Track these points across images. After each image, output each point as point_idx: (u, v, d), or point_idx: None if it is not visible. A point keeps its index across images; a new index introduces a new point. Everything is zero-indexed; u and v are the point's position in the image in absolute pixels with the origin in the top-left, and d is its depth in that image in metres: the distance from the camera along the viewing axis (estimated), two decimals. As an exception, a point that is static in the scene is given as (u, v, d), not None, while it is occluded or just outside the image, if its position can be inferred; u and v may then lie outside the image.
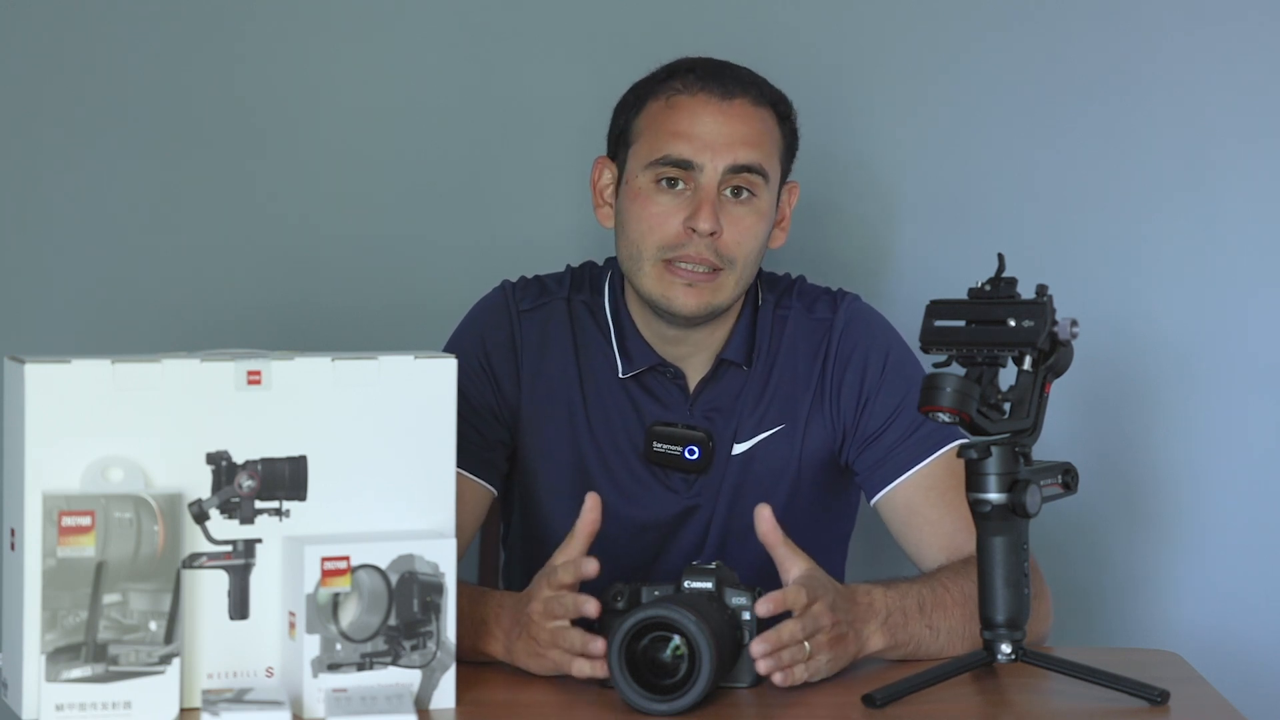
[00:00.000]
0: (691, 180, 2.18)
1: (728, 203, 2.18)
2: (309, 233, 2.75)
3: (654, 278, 2.19)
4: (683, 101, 2.20)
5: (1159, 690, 1.87)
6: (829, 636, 1.90)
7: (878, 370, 2.25)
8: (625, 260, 2.23)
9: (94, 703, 1.74)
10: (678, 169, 2.18)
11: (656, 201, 2.19)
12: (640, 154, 2.21)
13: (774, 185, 2.22)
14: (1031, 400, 1.88)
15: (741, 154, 2.18)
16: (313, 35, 2.75)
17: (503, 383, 2.26)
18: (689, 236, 2.17)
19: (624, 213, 2.22)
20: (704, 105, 2.19)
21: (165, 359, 1.78)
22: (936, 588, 2.03)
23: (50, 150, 2.73)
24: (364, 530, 1.83)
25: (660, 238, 2.18)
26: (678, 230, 2.17)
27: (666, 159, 2.18)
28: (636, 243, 2.20)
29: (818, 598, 1.89)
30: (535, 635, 1.91)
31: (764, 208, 2.21)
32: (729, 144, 2.18)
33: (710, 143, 2.17)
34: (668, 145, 2.18)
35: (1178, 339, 2.74)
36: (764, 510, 1.94)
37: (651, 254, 2.19)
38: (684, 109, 2.19)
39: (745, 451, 2.26)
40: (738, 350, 2.26)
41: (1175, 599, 2.75)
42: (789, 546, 1.94)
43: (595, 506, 1.94)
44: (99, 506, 1.73)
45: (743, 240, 2.18)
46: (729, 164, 2.17)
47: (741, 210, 2.19)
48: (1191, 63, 2.73)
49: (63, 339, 2.69)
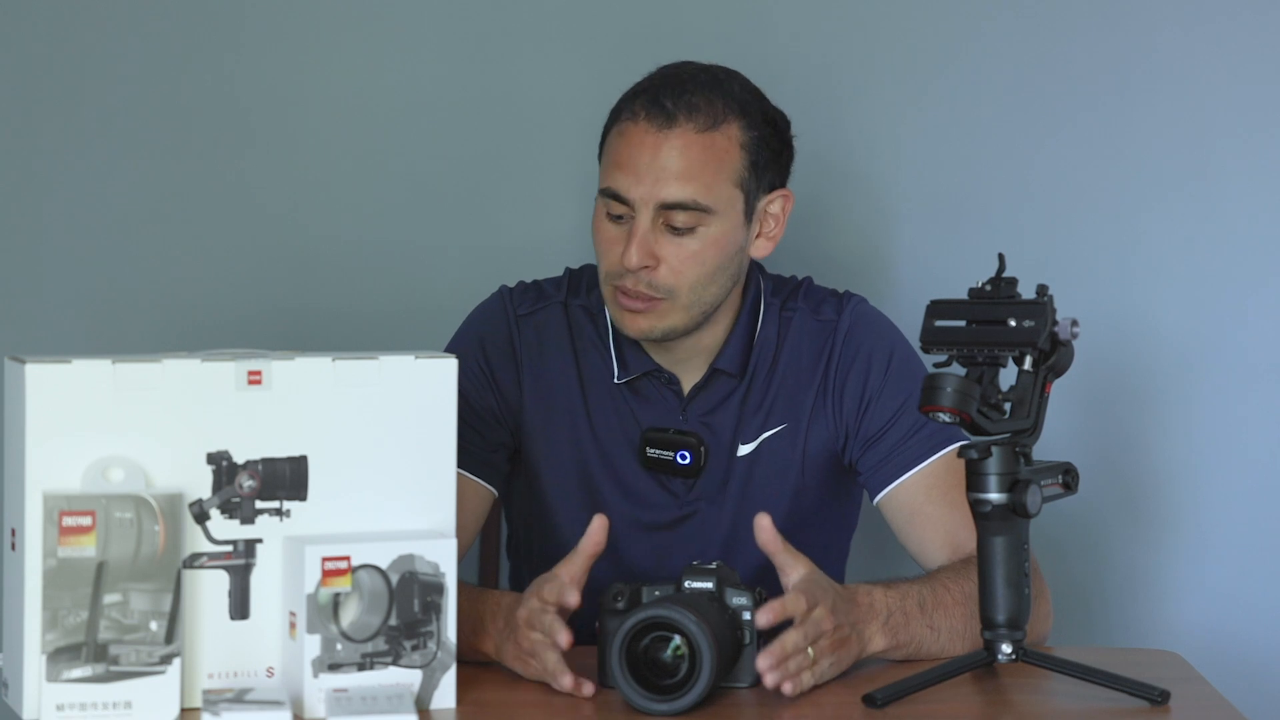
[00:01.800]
0: (630, 213, 2.16)
1: (665, 235, 2.15)
2: (310, 233, 2.75)
3: (609, 300, 2.21)
4: (628, 129, 2.16)
5: (1159, 690, 1.87)
6: (831, 640, 1.90)
7: (881, 371, 2.25)
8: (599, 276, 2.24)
9: (94, 703, 1.74)
10: (618, 203, 2.16)
11: (606, 229, 2.19)
12: (601, 176, 2.20)
13: (729, 211, 2.17)
14: (1032, 400, 1.88)
15: (672, 190, 2.13)
16: (314, 36, 2.75)
17: (503, 385, 2.26)
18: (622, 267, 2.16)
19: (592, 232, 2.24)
20: (643, 135, 2.14)
21: (166, 359, 1.78)
22: (937, 588, 2.03)
23: (51, 150, 2.73)
24: (364, 530, 1.83)
25: (607, 265, 2.19)
26: (618, 259, 2.17)
27: (607, 190, 2.17)
28: (598, 263, 2.22)
29: (818, 602, 1.89)
30: (519, 640, 1.92)
31: (714, 235, 2.16)
32: (657, 180, 2.13)
33: (641, 177, 2.14)
34: (609, 176, 2.17)
35: (1177, 339, 2.74)
36: (763, 519, 1.94)
37: (604, 277, 2.20)
38: (626, 138, 2.16)
39: (750, 452, 2.26)
40: (731, 361, 2.26)
41: (1175, 599, 2.75)
42: (789, 552, 1.94)
43: (601, 529, 1.94)
44: (99, 506, 1.73)
45: (684, 269, 2.15)
46: (658, 201, 2.14)
47: (682, 240, 2.15)
48: (1190, 62, 2.73)
49: (63, 339, 2.69)
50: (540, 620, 1.90)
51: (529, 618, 1.90)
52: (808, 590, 1.90)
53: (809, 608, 1.88)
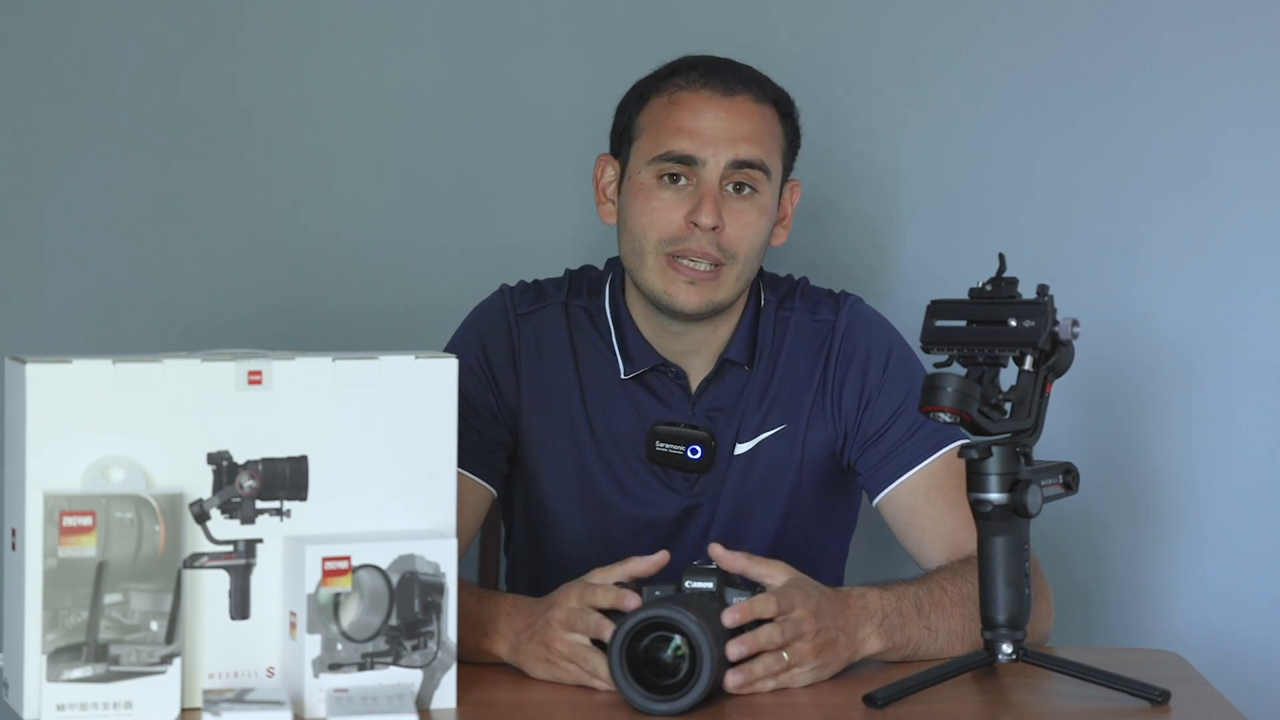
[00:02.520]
0: (694, 176, 2.18)
1: (730, 198, 2.19)
2: (310, 233, 2.75)
3: (656, 272, 2.20)
4: (685, 98, 2.20)
5: (1160, 690, 1.87)
6: (814, 643, 1.89)
7: (879, 371, 2.25)
8: (627, 256, 2.23)
9: (95, 703, 1.73)
10: (680, 164, 2.18)
11: (659, 196, 2.19)
12: (643, 150, 2.21)
13: (776, 182, 2.23)
14: (1032, 400, 1.88)
15: (743, 149, 2.18)
16: (314, 36, 2.75)
17: (502, 384, 2.26)
18: (691, 231, 2.17)
19: (626, 208, 2.23)
20: (706, 101, 2.20)
21: (166, 359, 1.78)
22: (934, 589, 2.03)
23: (51, 150, 2.73)
24: (365, 530, 1.83)
25: (662, 232, 2.18)
26: (680, 224, 2.18)
27: (669, 154, 2.18)
28: (639, 237, 2.20)
29: (796, 604, 1.89)
30: (549, 642, 1.90)
31: (766, 204, 2.21)
32: (731, 139, 2.18)
33: (712, 138, 2.18)
34: (670, 141, 2.19)
35: (1177, 339, 2.74)
36: (714, 549, 1.93)
37: (654, 248, 2.19)
38: (686, 105, 2.20)
39: (747, 451, 2.26)
40: (740, 350, 2.26)
41: (1176, 599, 2.75)
42: (761, 563, 1.93)
43: (659, 563, 1.93)
44: (100, 506, 1.73)
45: (744, 235, 2.19)
46: (731, 159, 2.18)
47: (743, 205, 2.19)
48: (1190, 62, 2.73)
49: (64, 339, 2.69)
50: (581, 620, 1.88)
51: (567, 619, 1.89)
52: (784, 593, 1.89)
53: (782, 609, 1.88)
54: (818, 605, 1.91)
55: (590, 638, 1.88)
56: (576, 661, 1.89)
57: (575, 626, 1.89)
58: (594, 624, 1.88)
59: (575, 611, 1.89)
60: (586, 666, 1.88)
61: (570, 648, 1.89)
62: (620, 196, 2.25)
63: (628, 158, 2.25)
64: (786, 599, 1.89)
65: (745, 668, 1.86)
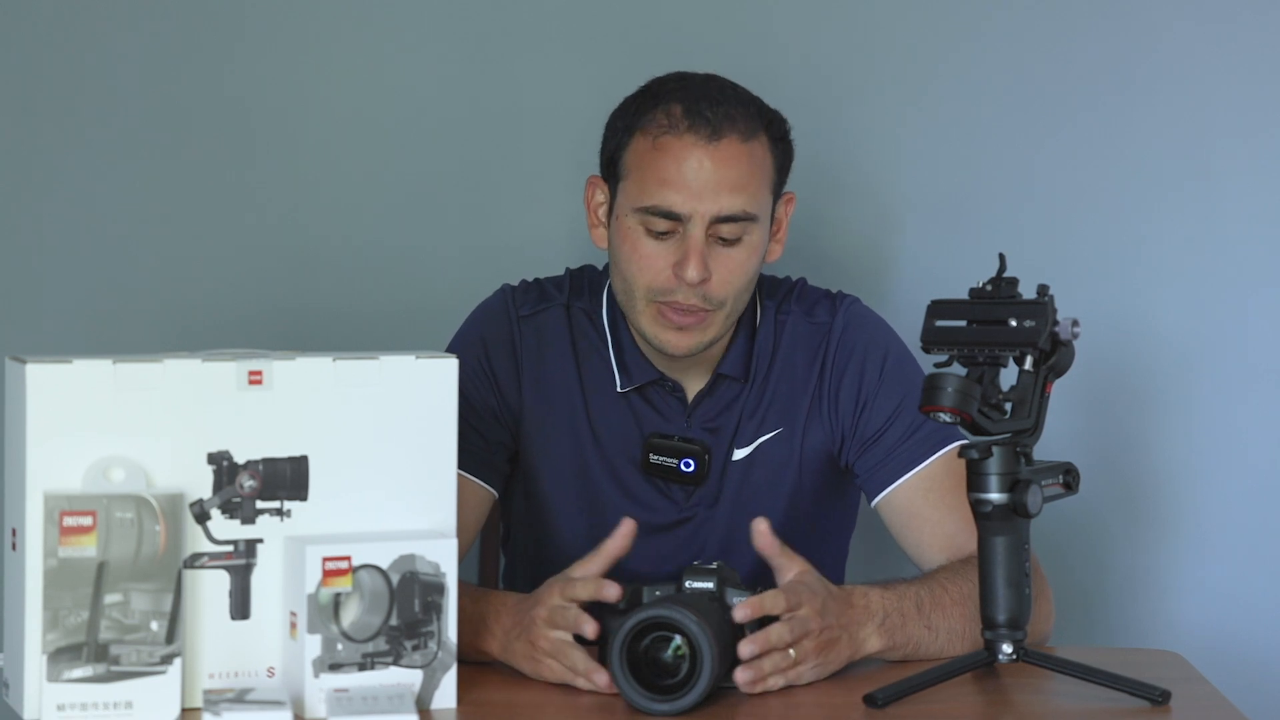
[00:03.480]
0: (679, 228, 2.14)
1: (716, 246, 2.15)
2: (310, 233, 2.75)
3: (646, 318, 2.18)
4: (669, 144, 2.14)
5: (1160, 690, 1.87)
6: (817, 642, 1.90)
7: (876, 372, 2.25)
8: (619, 293, 2.22)
9: (95, 703, 1.73)
10: (665, 220, 2.14)
11: (645, 244, 2.16)
12: (629, 193, 2.17)
13: (765, 218, 2.19)
14: (1033, 400, 1.88)
15: (727, 203, 2.13)
16: (314, 37, 2.75)
17: (504, 385, 2.26)
18: (677, 283, 2.15)
19: (616, 247, 2.20)
20: (691, 149, 2.13)
21: (167, 359, 1.78)
22: (935, 588, 2.03)
23: (51, 150, 2.73)
24: (365, 530, 1.83)
25: (650, 281, 2.16)
26: (667, 276, 2.15)
27: (655, 209, 2.14)
28: (629, 282, 2.18)
29: (802, 602, 1.89)
30: (534, 640, 1.91)
31: (755, 243, 2.17)
32: (715, 193, 2.12)
33: (697, 192, 2.12)
34: (655, 194, 2.14)
35: (1177, 339, 2.74)
36: (761, 524, 1.94)
37: (643, 295, 2.17)
38: (670, 154, 2.13)
39: (746, 456, 2.26)
40: (735, 365, 2.26)
41: (1176, 599, 2.75)
42: (785, 554, 1.94)
43: (629, 533, 1.94)
44: (100, 506, 1.73)
45: (732, 280, 2.16)
46: (715, 214, 2.13)
47: (730, 252, 2.15)
48: (1191, 62, 2.73)
49: (64, 339, 2.69)
50: (562, 616, 1.89)
51: (549, 616, 1.90)
52: (791, 590, 1.90)
53: (790, 607, 1.88)
54: (823, 603, 1.91)
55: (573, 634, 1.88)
56: (558, 658, 1.89)
57: (557, 623, 1.89)
58: (573, 619, 1.88)
59: (557, 608, 1.90)
60: (567, 663, 1.89)
61: (553, 644, 1.89)
62: (610, 227, 2.23)
63: (615, 192, 2.21)
64: (794, 596, 1.89)
65: (754, 665, 1.86)
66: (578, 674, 1.88)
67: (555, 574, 1.95)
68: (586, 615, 1.88)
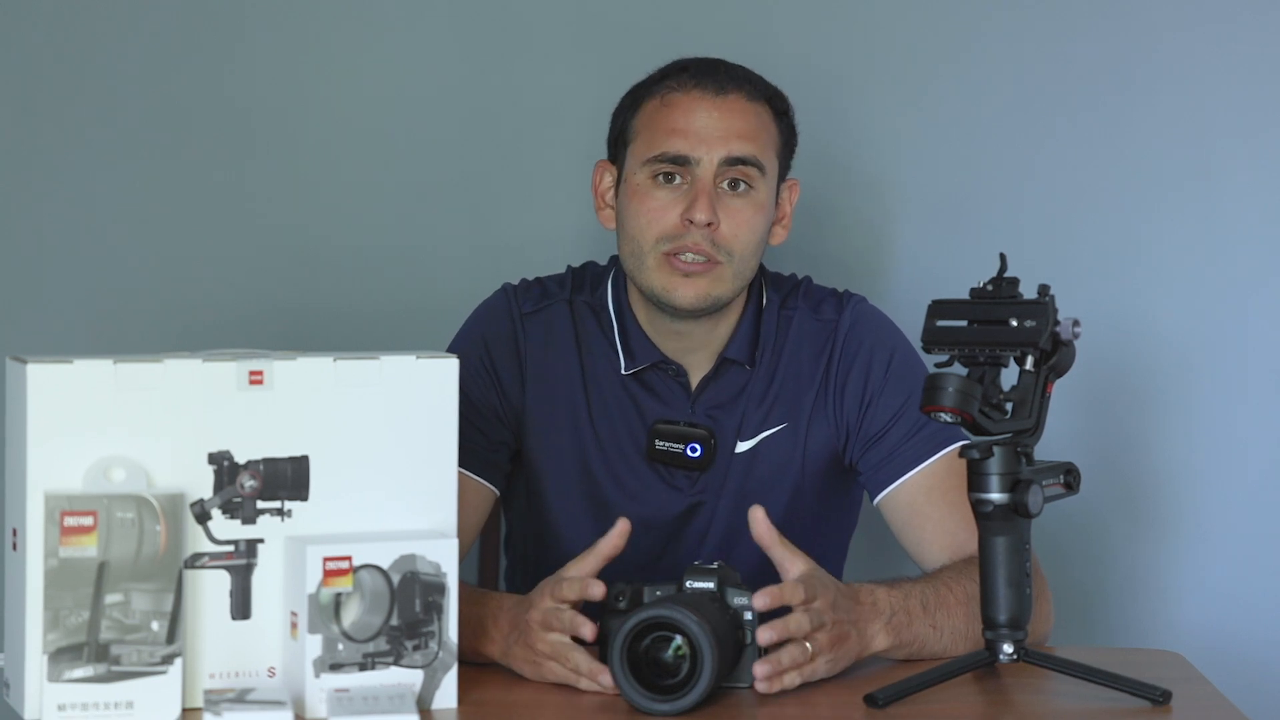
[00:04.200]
0: (688, 174, 2.19)
1: (724, 195, 2.19)
2: (311, 233, 2.75)
3: (654, 270, 2.20)
4: (677, 99, 2.22)
5: (1161, 690, 1.87)
6: (830, 635, 1.90)
7: (881, 370, 2.25)
8: (627, 257, 2.24)
9: (96, 703, 1.73)
10: (674, 164, 2.19)
11: (654, 196, 2.20)
12: (638, 152, 2.22)
13: (771, 179, 2.23)
14: (1033, 400, 1.88)
15: (736, 146, 2.19)
16: (314, 36, 2.75)
17: (506, 384, 2.26)
18: (686, 228, 2.18)
19: (624, 210, 2.24)
20: (698, 101, 2.21)
21: (167, 359, 1.78)
22: (940, 587, 2.03)
23: (52, 150, 2.73)
24: (366, 530, 1.83)
25: (659, 230, 2.19)
26: (676, 222, 2.19)
27: (663, 155, 2.19)
28: (636, 237, 2.21)
29: (817, 595, 1.89)
30: (532, 644, 1.91)
31: (761, 200, 2.21)
32: (723, 137, 2.19)
33: (705, 137, 2.19)
34: (664, 142, 2.20)
35: (1177, 339, 2.74)
36: (757, 512, 1.94)
37: (651, 246, 2.20)
38: (678, 106, 2.21)
39: (748, 450, 2.27)
40: (740, 349, 2.26)
41: (1176, 599, 2.75)
42: (785, 546, 1.94)
43: (623, 533, 1.94)
44: (101, 506, 1.73)
45: (739, 233, 2.19)
46: (724, 156, 2.19)
47: (739, 202, 2.20)
48: (1190, 62, 2.73)
49: (65, 339, 2.69)
50: (556, 619, 1.89)
51: (544, 619, 1.90)
52: (806, 582, 1.90)
53: (807, 598, 1.88)
54: (834, 598, 1.92)
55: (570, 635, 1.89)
56: (558, 660, 1.90)
57: (553, 626, 1.90)
58: (569, 621, 1.89)
59: (550, 611, 1.90)
60: (569, 665, 1.89)
61: (551, 647, 1.90)
62: (618, 200, 2.26)
63: (624, 161, 2.25)
64: (810, 588, 1.89)
65: (773, 657, 1.86)
66: (580, 675, 1.88)
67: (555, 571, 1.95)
68: (582, 617, 1.89)
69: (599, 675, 1.87)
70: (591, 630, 1.88)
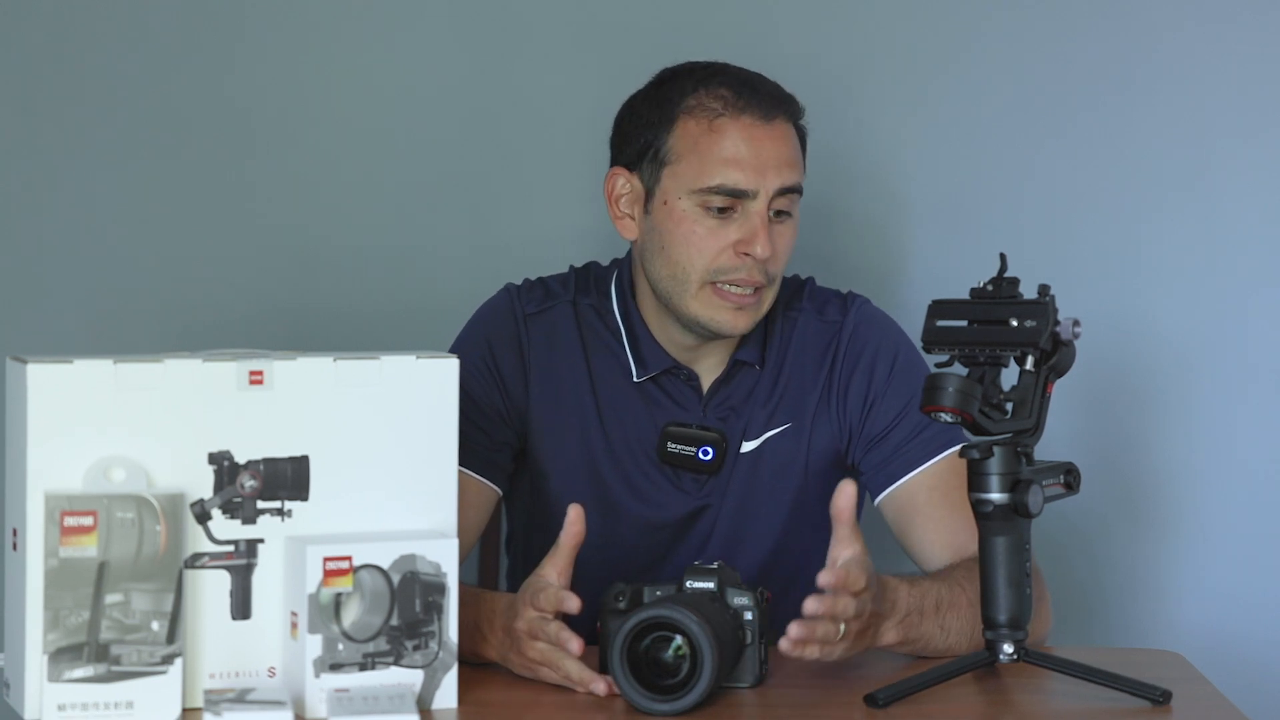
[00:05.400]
0: (741, 206, 2.17)
1: (773, 223, 2.19)
2: (311, 233, 2.75)
3: (701, 300, 2.19)
4: (726, 126, 2.17)
5: (1161, 690, 1.87)
6: (859, 626, 1.92)
7: (885, 372, 2.26)
8: (665, 280, 2.21)
9: (96, 703, 1.73)
10: (731, 198, 2.17)
11: (704, 225, 2.17)
12: (683, 176, 2.18)
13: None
14: (1034, 400, 1.88)
15: (787, 176, 2.18)
16: (315, 36, 2.75)
17: (509, 384, 2.26)
18: (742, 260, 2.17)
19: (665, 234, 2.20)
20: (750, 129, 2.17)
21: (167, 359, 1.78)
22: (954, 587, 2.04)
23: (52, 151, 2.73)
24: (366, 530, 1.83)
25: (709, 261, 2.17)
26: (729, 254, 2.17)
27: (721, 188, 2.16)
28: (682, 265, 2.19)
29: (867, 587, 1.91)
30: (524, 652, 1.92)
31: (797, 220, 2.23)
32: (777, 167, 2.17)
33: (761, 169, 2.16)
34: (720, 173, 2.16)
35: (1177, 339, 2.74)
36: (848, 486, 1.94)
37: (699, 277, 2.18)
38: (729, 134, 2.17)
39: (754, 450, 2.27)
40: (751, 351, 2.26)
41: (1176, 599, 2.75)
42: (854, 528, 1.94)
43: (578, 519, 1.94)
44: (101, 506, 1.73)
45: (781, 256, 2.21)
46: (778, 188, 2.17)
47: (783, 228, 2.20)
48: (1190, 62, 2.73)
49: (65, 339, 2.69)
50: (543, 629, 1.89)
51: (530, 629, 1.90)
52: (868, 571, 1.91)
53: (864, 588, 1.90)
54: (874, 592, 1.93)
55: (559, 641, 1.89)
56: (549, 666, 1.90)
57: (538, 635, 1.90)
58: (554, 633, 1.89)
59: (535, 620, 1.90)
60: (560, 671, 1.89)
61: (541, 655, 1.90)
62: (649, 217, 2.23)
63: (657, 179, 2.21)
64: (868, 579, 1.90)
65: (808, 623, 1.87)
66: (574, 684, 1.89)
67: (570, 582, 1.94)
68: (568, 631, 1.88)
69: (591, 684, 1.87)
70: (579, 645, 1.88)
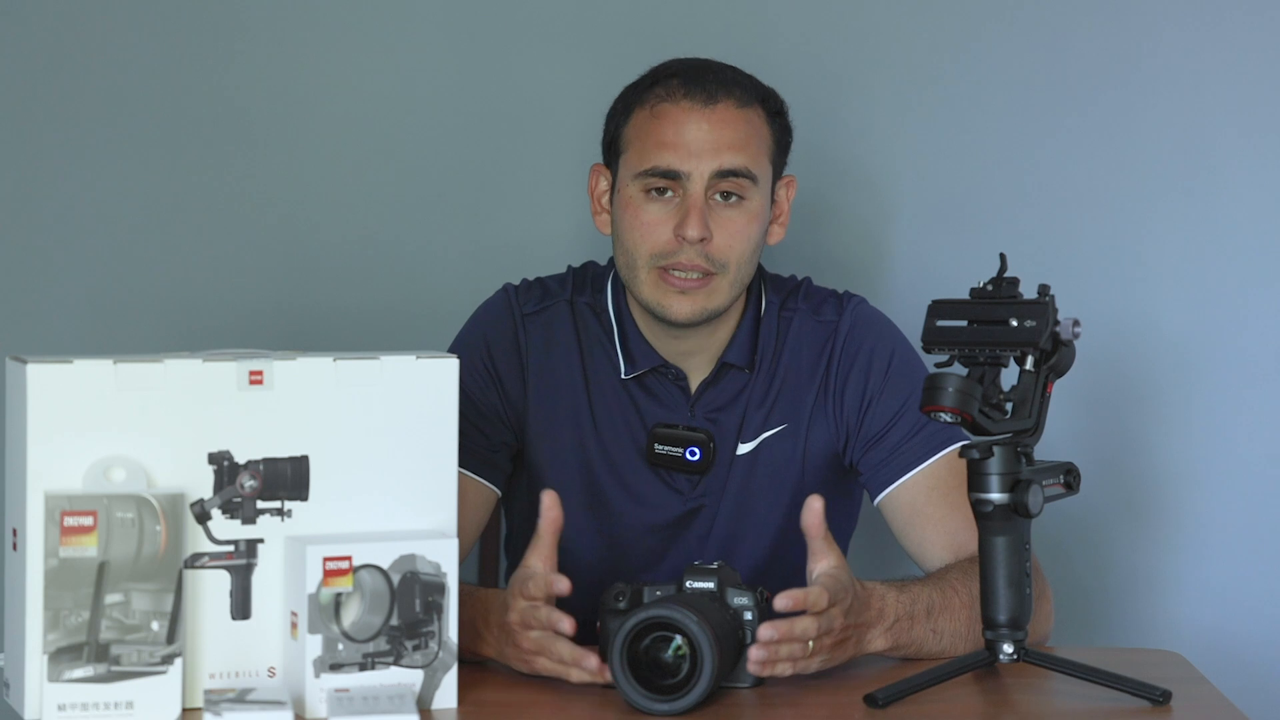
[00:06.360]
0: (679, 188, 2.18)
1: (718, 207, 2.18)
2: (311, 233, 2.75)
3: (649, 285, 2.20)
4: (667, 110, 2.19)
5: (1161, 690, 1.87)
6: (834, 640, 1.91)
7: (882, 371, 2.25)
8: (623, 269, 2.23)
9: (96, 703, 1.73)
10: (664, 179, 2.18)
11: (646, 210, 2.19)
12: (630, 163, 2.21)
13: (765, 185, 2.22)
14: (1033, 400, 1.88)
15: (727, 158, 2.17)
16: (315, 36, 2.75)
17: (507, 384, 2.26)
18: (679, 244, 2.17)
19: (618, 222, 2.23)
20: (687, 113, 2.18)
21: (167, 359, 1.78)
22: (946, 590, 2.03)
23: (52, 150, 2.73)
24: (366, 530, 1.83)
25: (652, 246, 2.18)
26: (669, 238, 2.18)
27: (654, 170, 2.18)
28: (631, 251, 2.20)
29: (836, 601, 1.89)
30: (518, 643, 1.92)
31: (755, 209, 2.20)
32: (714, 150, 2.17)
33: (695, 150, 2.17)
34: (654, 156, 2.18)
35: (1177, 339, 2.74)
36: (815, 502, 1.93)
37: (645, 262, 2.19)
38: (668, 118, 2.19)
39: (750, 451, 2.27)
40: (739, 353, 2.26)
41: (1176, 599, 2.75)
42: (827, 540, 1.93)
43: (554, 505, 1.94)
44: (101, 506, 1.73)
45: (734, 244, 2.18)
46: (714, 169, 2.17)
47: (731, 213, 2.19)
48: (1190, 62, 2.73)
49: (65, 339, 2.69)
50: (535, 617, 1.89)
51: (522, 619, 1.90)
52: (832, 588, 1.90)
53: (829, 605, 1.89)
54: (851, 604, 1.92)
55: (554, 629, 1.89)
56: (545, 655, 1.90)
57: (531, 624, 1.90)
58: (546, 617, 1.89)
59: (526, 610, 1.90)
60: (554, 658, 1.89)
61: (535, 643, 1.90)
62: (613, 208, 2.25)
63: (617, 170, 2.24)
64: (833, 594, 1.89)
65: (770, 647, 1.86)
66: (567, 665, 1.88)
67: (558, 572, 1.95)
68: (559, 612, 1.88)
69: (583, 660, 1.87)
70: (570, 624, 1.88)
